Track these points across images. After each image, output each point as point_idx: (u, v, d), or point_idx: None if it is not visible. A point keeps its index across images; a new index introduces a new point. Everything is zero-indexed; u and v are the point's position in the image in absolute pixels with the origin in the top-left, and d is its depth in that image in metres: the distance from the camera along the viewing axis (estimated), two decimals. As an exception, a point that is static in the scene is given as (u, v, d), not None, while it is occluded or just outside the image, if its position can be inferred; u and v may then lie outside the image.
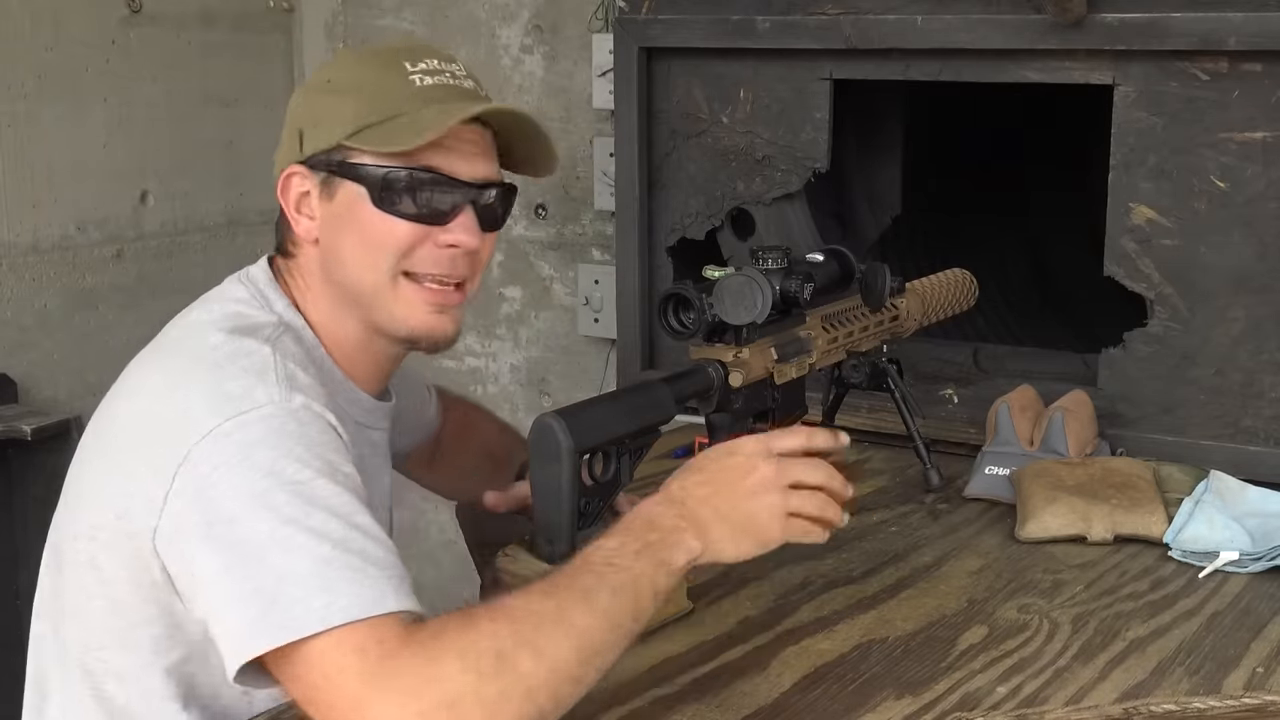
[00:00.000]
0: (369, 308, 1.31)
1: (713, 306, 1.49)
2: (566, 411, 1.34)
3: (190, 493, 1.13)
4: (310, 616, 1.06)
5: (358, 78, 1.31)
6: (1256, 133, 1.89)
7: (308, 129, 1.31)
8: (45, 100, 2.41)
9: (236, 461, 1.12)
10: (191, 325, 1.29)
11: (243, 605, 1.08)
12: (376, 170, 1.28)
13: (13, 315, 2.39)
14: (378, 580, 1.08)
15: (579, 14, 2.54)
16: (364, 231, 1.29)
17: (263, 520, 1.09)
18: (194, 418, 1.15)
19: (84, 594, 1.23)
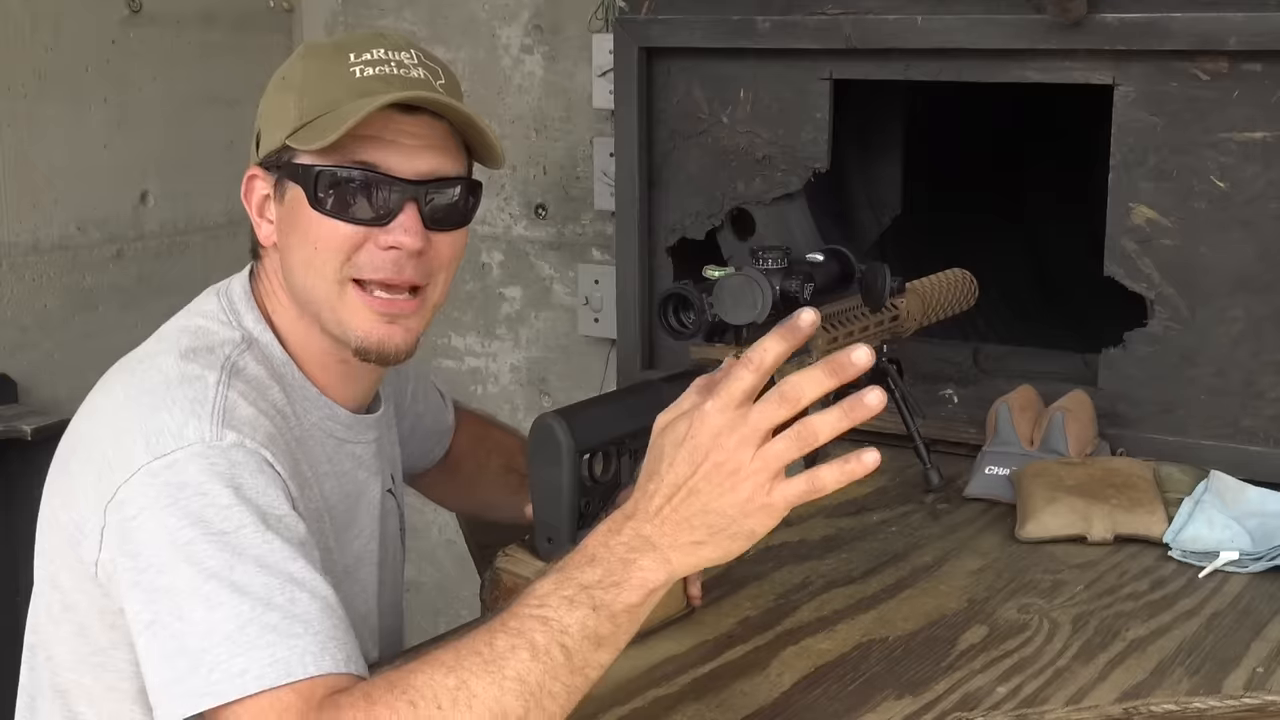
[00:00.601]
0: (320, 317, 1.26)
1: (713, 306, 1.49)
2: (566, 411, 1.34)
3: (119, 533, 1.10)
4: (227, 684, 1.03)
5: (304, 71, 1.25)
6: (1256, 133, 1.89)
7: (263, 129, 1.26)
8: (45, 100, 2.41)
9: (162, 506, 1.08)
10: (155, 342, 1.26)
11: (166, 664, 1.06)
12: (311, 169, 1.22)
13: (13, 315, 2.39)
14: (300, 639, 1.04)
15: (579, 14, 2.54)
16: (306, 234, 1.23)
17: (184, 574, 1.06)
18: (125, 451, 1.12)
19: (49, 615, 1.22)
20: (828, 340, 1.69)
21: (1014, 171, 3.28)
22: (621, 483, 1.38)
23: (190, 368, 1.18)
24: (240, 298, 1.29)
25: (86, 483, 1.15)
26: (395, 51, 1.25)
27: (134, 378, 1.20)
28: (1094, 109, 2.11)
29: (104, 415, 1.19)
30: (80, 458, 1.19)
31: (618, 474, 1.37)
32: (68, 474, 1.20)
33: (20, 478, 2.33)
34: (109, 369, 1.27)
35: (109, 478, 1.12)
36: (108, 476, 1.12)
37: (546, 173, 2.64)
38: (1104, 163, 2.00)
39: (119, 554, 1.10)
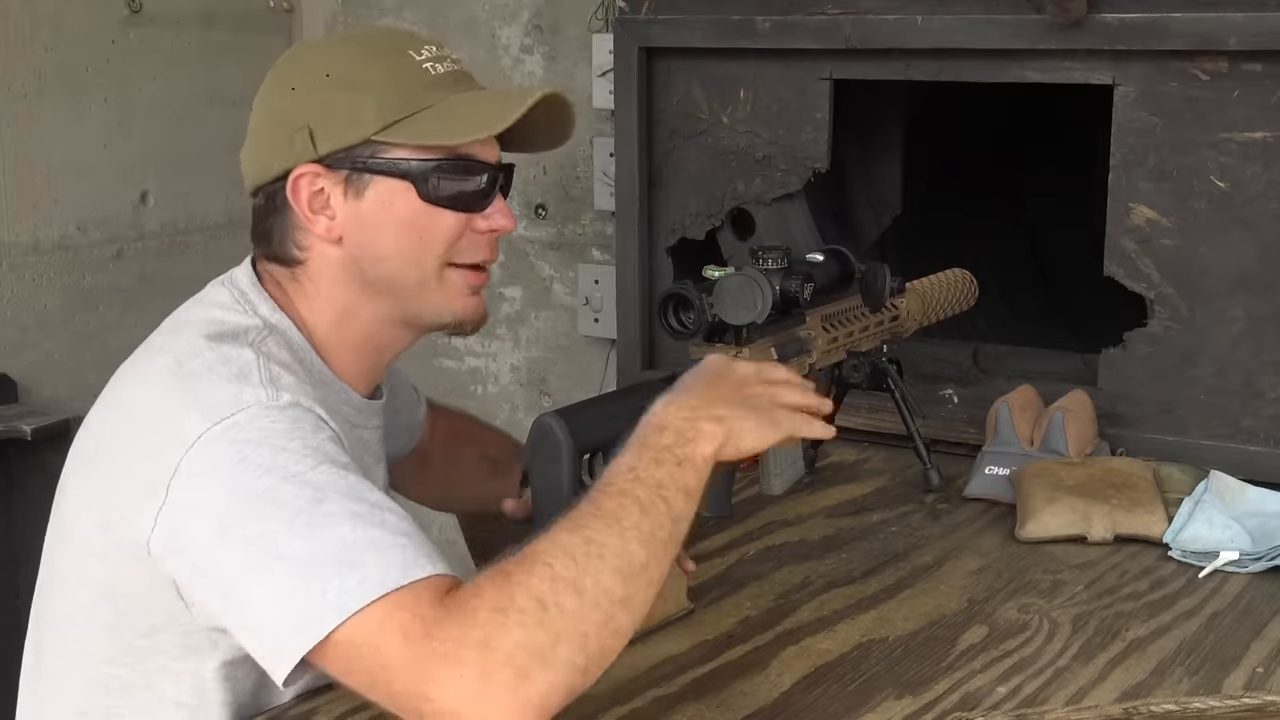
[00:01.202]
0: (410, 300, 1.30)
1: (713, 306, 1.49)
2: (566, 411, 1.34)
3: (188, 503, 1.11)
4: (347, 597, 1.03)
5: (364, 70, 1.27)
6: (1256, 133, 1.89)
7: (318, 126, 1.26)
8: (45, 100, 2.41)
9: (233, 464, 1.10)
10: (174, 334, 1.27)
11: (275, 605, 1.06)
12: (420, 164, 1.26)
13: (13, 315, 2.39)
14: (404, 549, 1.06)
15: (579, 14, 2.54)
16: (409, 226, 1.27)
17: (273, 516, 1.07)
18: (180, 427, 1.13)
19: (80, 608, 1.22)
20: (828, 340, 1.69)
21: (1013, 172, 3.29)
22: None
23: (224, 348, 1.20)
24: (250, 288, 1.31)
25: (131, 467, 1.15)
26: (439, 48, 1.31)
27: (164, 363, 1.21)
28: (1094, 109, 2.11)
29: (139, 402, 1.19)
30: (117, 447, 1.19)
31: (618, 474, 1.36)
32: (95, 466, 1.20)
33: (20, 478, 2.33)
34: (123, 366, 1.28)
35: (163, 456, 1.12)
36: (161, 455, 1.12)
37: (546, 172, 2.64)
38: (1104, 163, 2.00)
39: (190, 522, 1.10)
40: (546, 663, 1.01)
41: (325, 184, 1.27)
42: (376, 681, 1.04)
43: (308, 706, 1.24)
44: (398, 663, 1.02)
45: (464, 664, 1.00)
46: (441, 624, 1.02)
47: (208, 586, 1.11)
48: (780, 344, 1.59)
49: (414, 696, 1.01)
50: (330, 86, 1.27)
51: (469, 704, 0.99)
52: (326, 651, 1.04)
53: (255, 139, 1.32)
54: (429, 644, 1.01)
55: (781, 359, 1.58)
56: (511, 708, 0.99)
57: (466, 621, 1.01)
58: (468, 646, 1.00)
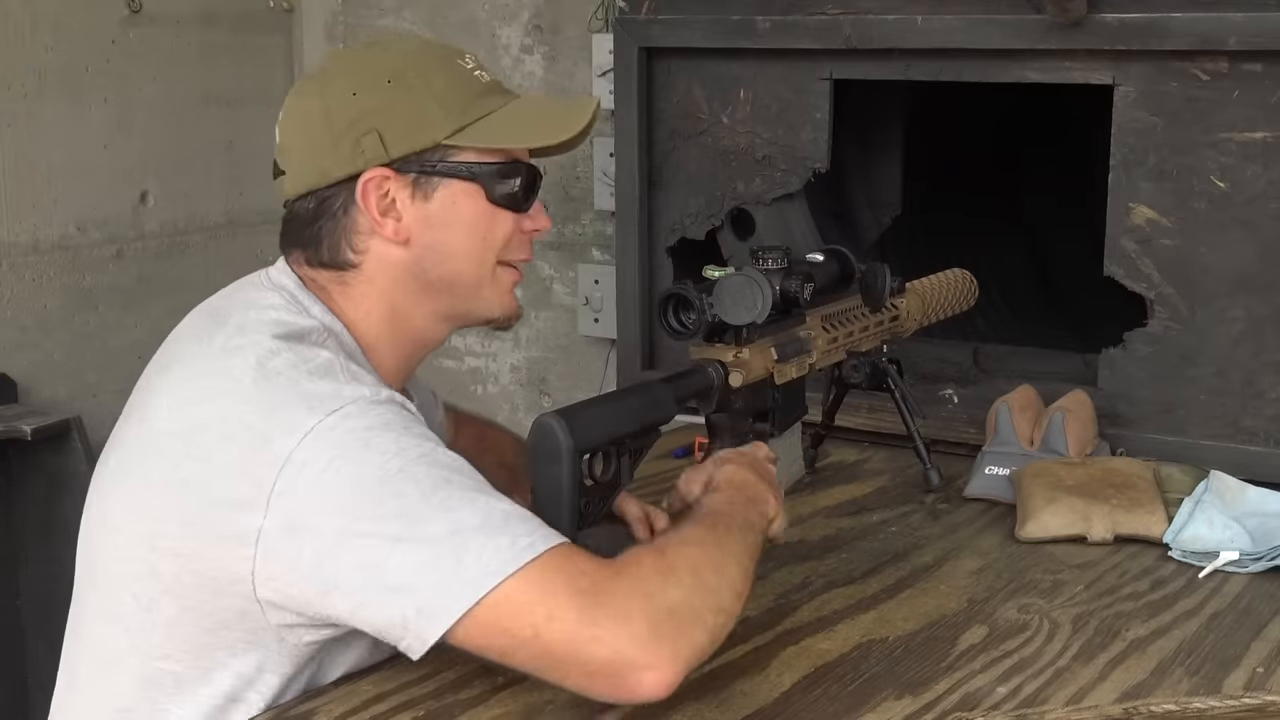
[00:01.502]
0: (466, 298, 1.34)
1: (713, 306, 1.49)
2: (566, 411, 1.34)
3: (303, 492, 1.13)
4: (500, 557, 1.10)
5: (426, 75, 1.29)
6: (1256, 133, 1.89)
7: (387, 130, 1.27)
8: (45, 100, 2.41)
9: (357, 450, 1.14)
10: (238, 333, 1.25)
11: (424, 574, 1.11)
12: (485, 167, 1.31)
13: (13, 315, 2.39)
14: (533, 519, 1.15)
15: (579, 14, 2.54)
16: (474, 226, 1.32)
17: (409, 493, 1.12)
18: (282, 421, 1.15)
19: (139, 603, 1.21)
20: (828, 340, 1.69)
21: (1013, 172, 3.29)
22: (621, 483, 1.38)
23: (300, 348, 1.22)
24: (297, 290, 1.31)
25: (225, 462, 1.15)
26: (470, 56, 1.36)
27: (243, 361, 1.20)
28: (1094, 109, 2.11)
29: (224, 399, 1.18)
30: (202, 443, 1.18)
31: (618, 474, 1.37)
32: (168, 464, 1.19)
33: (20, 478, 2.33)
34: (154, 374, 1.28)
35: (269, 447, 1.14)
36: (266, 447, 1.14)
37: (546, 172, 2.62)
38: (1104, 163, 2.00)
39: (309, 512, 1.13)
40: (699, 623, 1.15)
41: (392, 187, 1.29)
42: (538, 635, 1.11)
43: (307, 707, 1.24)
44: (568, 614, 1.10)
45: (633, 616, 1.11)
46: (611, 580, 1.13)
47: (326, 573, 1.13)
48: (780, 344, 1.59)
49: (582, 644, 1.11)
50: (394, 91, 1.28)
51: (639, 651, 1.11)
52: (479, 615, 1.10)
53: (306, 143, 1.31)
54: (599, 597, 1.11)
55: (781, 359, 1.58)
56: (673, 657, 1.12)
57: (636, 579, 1.14)
58: (637, 600, 1.12)
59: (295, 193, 1.32)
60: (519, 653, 1.13)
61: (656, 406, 1.43)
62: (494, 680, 1.29)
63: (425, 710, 1.24)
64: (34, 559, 2.30)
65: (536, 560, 1.11)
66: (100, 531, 1.25)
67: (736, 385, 1.52)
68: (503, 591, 1.10)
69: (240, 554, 1.15)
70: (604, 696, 1.15)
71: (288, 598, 1.17)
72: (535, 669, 1.15)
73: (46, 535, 2.29)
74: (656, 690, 1.12)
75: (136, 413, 1.26)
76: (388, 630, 1.14)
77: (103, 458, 1.30)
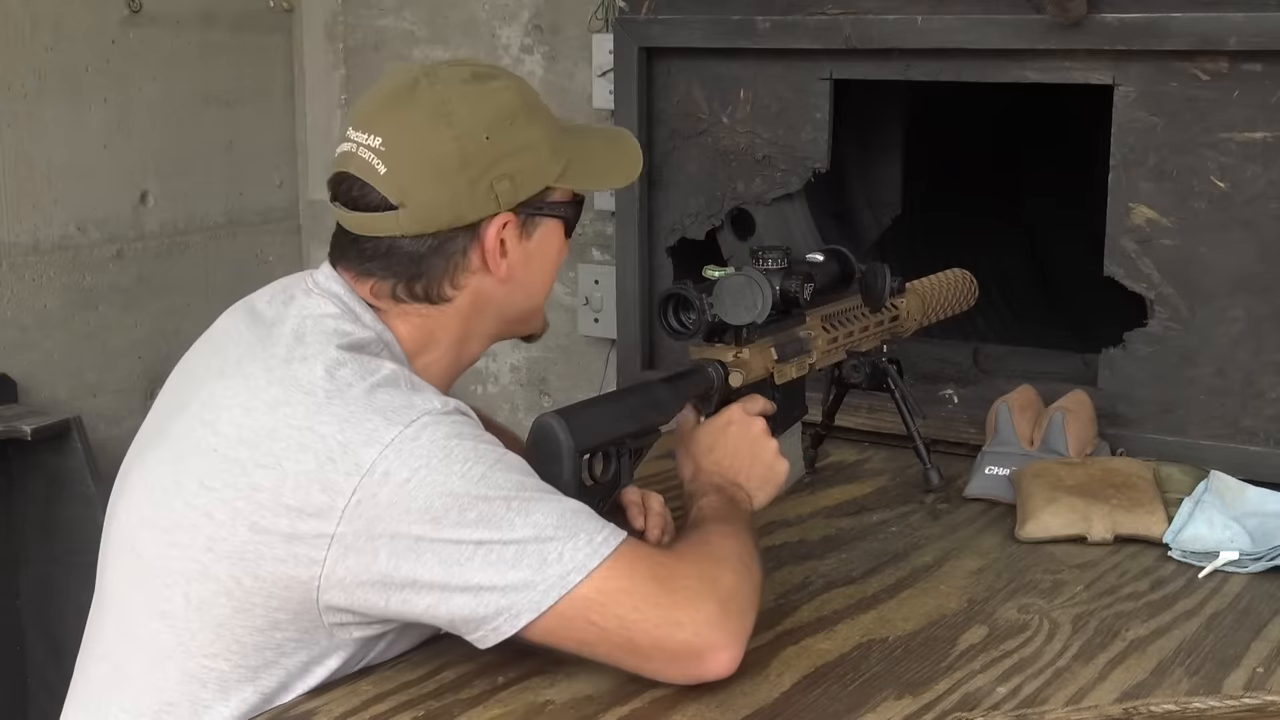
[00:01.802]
0: (528, 322, 1.42)
1: (713, 306, 1.49)
2: (566, 411, 1.34)
3: (385, 500, 1.17)
4: (579, 555, 1.18)
5: (532, 117, 1.33)
6: (1256, 133, 1.89)
7: (517, 175, 1.31)
8: (45, 100, 2.41)
9: (438, 460, 1.18)
10: (299, 342, 1.26)
11: (508, 574, 1.17)
12: (572, 205, 1.38)
13: (13, 315, 2.39)
14: (598, 518, 1.23)
15: (579, 14, 2.54)
16: (555, 259, 1.39)
17: (493, 498, 1.18)
18: (360, 431, 1.18)
19: (189, 603, 1.22)
20: (828, 340, 1.69)
21: (1013, 172, 3.29)
22: (621, 483, 1.38)
23: (364, 359, 1.25)
24: (350, 298, 1.32)
25: (299, 471, 1.18)
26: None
27: (311, 371, 1.22)
28: (1094, 109, 2.11)
29: (291, 410, 1.20)
30: (262, 450, 1.19)
31: (618, 474, 1.37)
32: (232, 469, 1.20)
33: (20, 478, 2.33)
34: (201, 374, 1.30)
35: (348, 457, 1.17)
36: (345, 456, 1.17)
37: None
38: (1104, 163, 2.00)
39: (389, 519, 1.17)
40: (751, 604, 1.28)
41: (507, 228, 1.33)
42: (624, 626, 1.19)
43: (307, 707, 1.24)
44: (649, 604, 1.20)
45: (705, 599, 1.22)
46: (680, 567, 1.24)
47: (404, 576, 1.18)
48: (780, 344, 1.59)
49: (665, 630, 1.20)
50: (517, 134, 1.31)
51: (714, 631, 1.22)
52: (563, 610, 1.18)
53: (437, 183, 1.28)
54: (673, 583, 1.21)
55: (781, 359, 1.58)
56: (739, 636, 1.24)
57: (698, 565, 1.25)
58: (706, 584, 1.23)
59: (419, 232, 1.29)
60: (602, 644, 1.21)
61: (656, 406, 1.43)
62: (494, 680, 1.29)
63: (425, 710, 1.24)
64: (34, 559, 2.30)
65: (613, 557, 1.19)
66: (151, 530, 1.25)
67: (736, 385, 1.52)
68: (587, 587, 1.18)
69: (308, 558, 1.18)
70: (679, 678, 1.24)
71: (354, 600, 1.20)
72: (615, 658, 1.23)
73: (46, 535, 2.30)
74: (730, 668, 1.23)
75: (190, 415, 1.26)
76: (463, 625, 1.21)
77: (140, 452, 1.30)
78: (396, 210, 1.28)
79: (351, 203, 1.31)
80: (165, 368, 1.40)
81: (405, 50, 2.77)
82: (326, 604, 1.21)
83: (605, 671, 1.29)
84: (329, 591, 1.20)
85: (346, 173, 1.31)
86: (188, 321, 2.65)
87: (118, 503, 1.31)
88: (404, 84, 1.31)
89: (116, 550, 1.30)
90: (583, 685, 1.28)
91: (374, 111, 1.32)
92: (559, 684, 1.29)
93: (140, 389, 2.58)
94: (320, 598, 1.20)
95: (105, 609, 1.31)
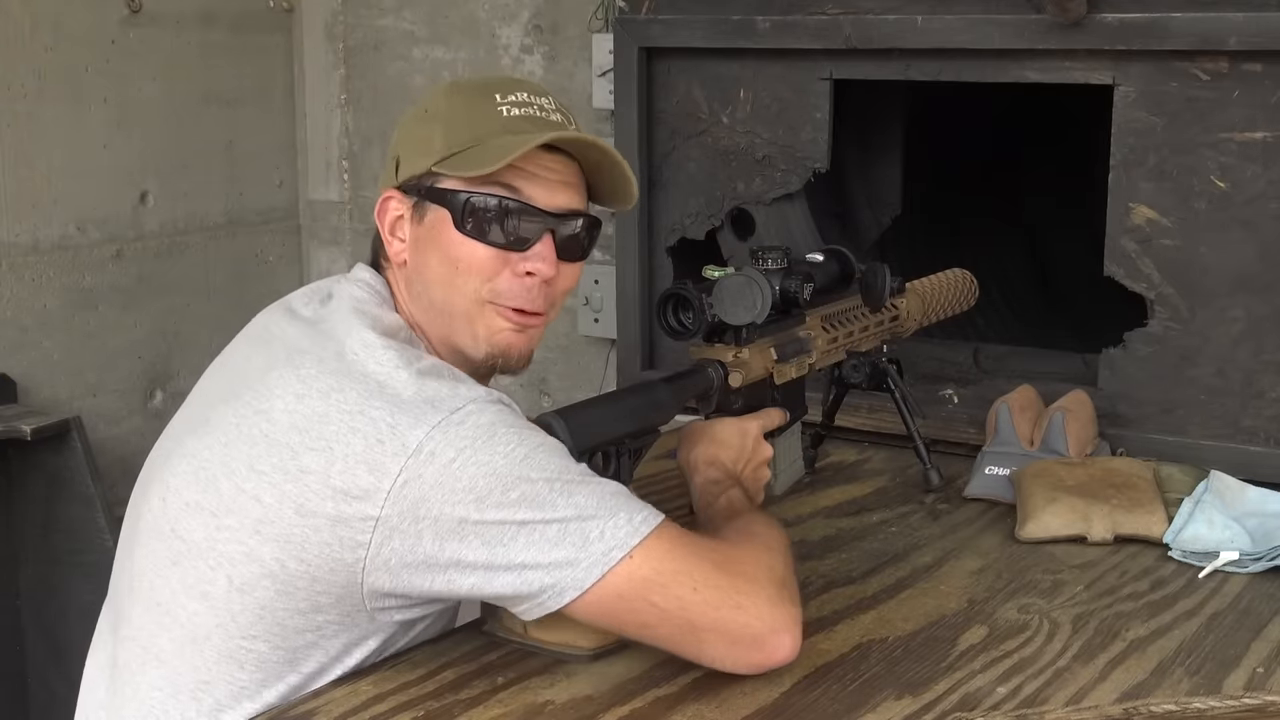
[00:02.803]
0: (452, 329, 1.37)
1: (712, 306, 1.49)
2: (566, 411, 1.34)
3: (431, 480, 1.19)
4: (620, 533, 1.20)
5: (450, 106, 1.36)
6: (1256, 133, 1.89)
7: (403, 156, 1.36)
8: (45, 100, 2.41)
9: (482, 442, 1.20)
10: (345, 331, 1.30)
11: (551, 552, 1.20)
12: (460, 195, 1.33)
13: (13, 315, 2.39)
14: (640, 500, 1.26)
15: (579, 14, 2.54)
16: (447, 254, 1.34)
17: (536, 479, 1.20)
18: (409, 415, 1.20)
19: (232, 584, 1.24)
20: (828, 340, 1.69)
21: (1013, 172, 3.29)
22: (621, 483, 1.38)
23: (405, 348, 1.29)
24: (379, 284, 1.39)
25: (349, 453, 1.20)
26: (536, 96, 1.37)
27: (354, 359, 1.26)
28: (1094, 109, 2.11)
29: (341, 395, 1.23)
30: (309, 433, 1.22)
31: (618, 474, 1.37)
32: (278, 453, 1.22)
33: (20, 478, 2.33)
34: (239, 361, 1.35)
35: (396, 439, 1.20)
36: (393, 438, 1.20)
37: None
38: (1104, 163, 2.00)
39: (434, 499, 1.19)
40: (797, 590, 1.30)
41: (403, 209, 1.36)
42: (684, 606, 1.22)
43: (307, 707, 1.24)
44: (709, 584, 1.22)
45: (763, 583, 1.25)
46: (735, 550, 1.27)
47: (448, 557, 1.20)
48: (780, 344, 1.59)
49: (726, 611, 1.23)
50: (421, 119, 1.37)
51: (776, 616, 1.24)
52: (624, 588, 1.20)
53: (384, 166, 1.42)
54: (734, 566, 1.25)
55: (781, 359, 1.58)
56: (797, 621, 1.26)
57: (754, 551, 1.29)
58: (761, 569, 1.26)
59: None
60: (662, 625, 1.23)
61: (656, 406, 1.43)
62: (494, 680, 1.29)
63: (425, 710, 1.24)
64: (34, 559, 2.30)
65: (653, 534, 1.22)
66: (199, 513, 1.26)
67: (736, 385, 1.52)
68: (643, 566, 1.21)
69: (353, 541, 1.20)
70: (741, 664, 1.25)
71: (398, 583, 1.22)
72: (674, 641, 1.25)
73: (46, 535, 2.29)
74: (792, 653, 1.25)
75: (241, 404, 1.28)
76: (510, 600, 1.23)
77: (180, 439, 1.31)
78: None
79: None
80: (165, 368, 1.40)
81: (405, 50, 2.77)
82: (370, 588, 1.23)
83: (605, 671, 1.29)
84: (373, 574, 1.21)
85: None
86: (187, 321, 2.65)
87: (150, 488, 1.32)
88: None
89: (152, 534, 1.30)
90: (583, 685, 1.28)
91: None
92: (559, 684, 1.29)
93: (140, 389, 2.58)
94: (364, 581, 1.22)
95: (135, 592, 1.31)
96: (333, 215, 2.88)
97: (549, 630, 1.31)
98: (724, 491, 1.46)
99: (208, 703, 1.26)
